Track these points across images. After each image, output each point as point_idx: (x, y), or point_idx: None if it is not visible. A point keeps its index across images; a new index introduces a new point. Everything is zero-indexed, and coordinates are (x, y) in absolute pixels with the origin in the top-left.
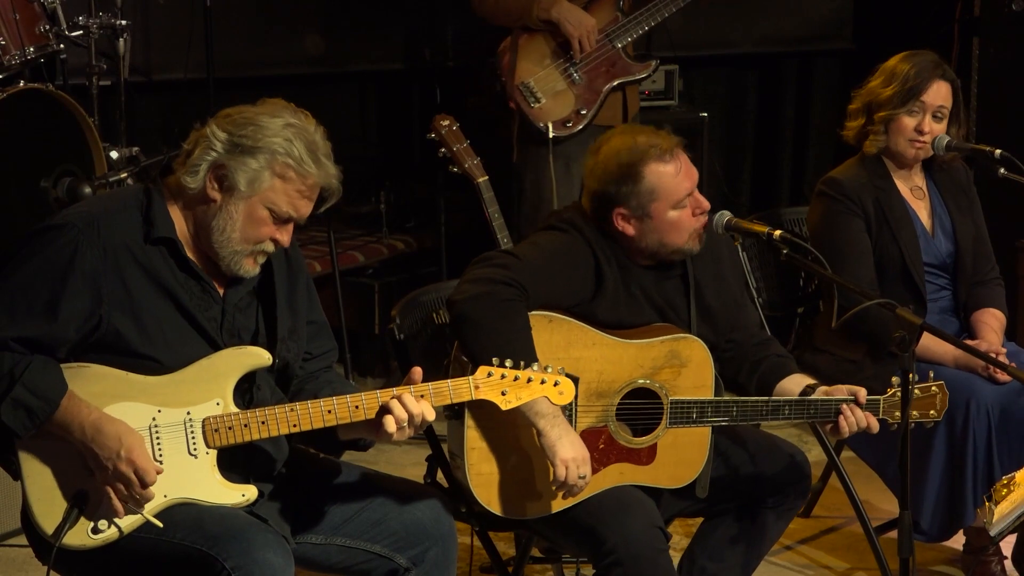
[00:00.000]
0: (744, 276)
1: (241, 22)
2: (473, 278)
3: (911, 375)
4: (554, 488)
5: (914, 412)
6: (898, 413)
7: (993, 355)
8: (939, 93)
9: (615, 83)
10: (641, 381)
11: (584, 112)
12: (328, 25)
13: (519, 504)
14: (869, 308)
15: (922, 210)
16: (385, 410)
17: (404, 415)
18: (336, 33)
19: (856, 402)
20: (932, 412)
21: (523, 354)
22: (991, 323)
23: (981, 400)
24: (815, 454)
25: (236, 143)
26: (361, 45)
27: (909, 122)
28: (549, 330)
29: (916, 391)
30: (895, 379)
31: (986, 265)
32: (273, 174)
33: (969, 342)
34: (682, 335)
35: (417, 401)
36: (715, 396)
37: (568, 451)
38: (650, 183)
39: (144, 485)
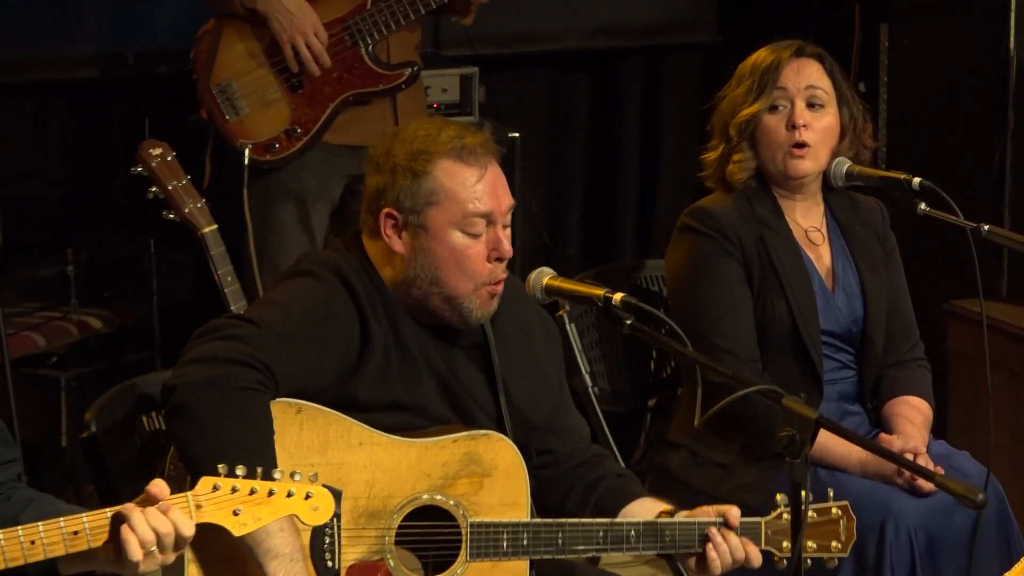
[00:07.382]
0: (564, 366)
1: None
2: (198, 356)
3: (804, 489)
4: None
5: (810, 543)
6: (787, 543)
7: (910, 456)
8: (801, 72)
9: (347, 95)
10: (428, 496)
11: (298, 132)
12: None
13: None
14: (745, 397)
15: (821, 259)
16: (121, 529)
17: (150, 535)
18: (4, 32)
19: (727, 525)
20: (834, 544)
21: (260, 462)
22: (911, 416)
23: (901, 521)
24: None
25: None
26: (39, 46)
27: (775, 121)
28: (297, 425)
29: (811, 513)
30: (780, 496)
31: (906, 342)
32: None
33: (883, 437)
34: (481, 432)
35: (164, 513)
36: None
37: None
38: (435, 181)
39: None
